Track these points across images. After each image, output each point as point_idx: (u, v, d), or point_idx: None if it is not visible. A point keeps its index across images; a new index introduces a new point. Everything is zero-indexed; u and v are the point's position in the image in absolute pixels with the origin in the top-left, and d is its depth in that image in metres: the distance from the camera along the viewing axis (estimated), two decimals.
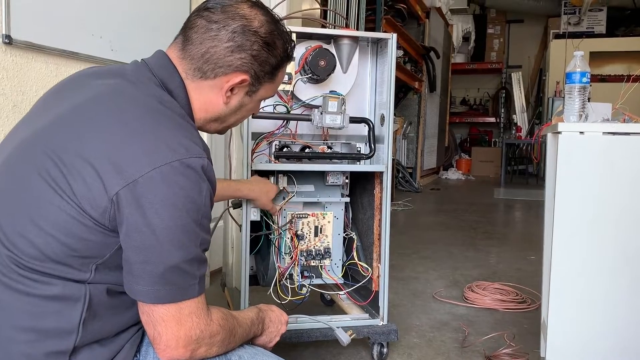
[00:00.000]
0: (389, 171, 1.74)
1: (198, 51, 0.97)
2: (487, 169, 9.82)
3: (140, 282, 0.86)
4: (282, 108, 1.69)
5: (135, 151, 0.84)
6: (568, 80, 1.56)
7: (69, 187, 0.84)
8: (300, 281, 1.79)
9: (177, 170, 0.84)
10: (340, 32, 1.71)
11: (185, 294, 0.88)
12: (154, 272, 0.85)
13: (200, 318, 0.92)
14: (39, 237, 0.85)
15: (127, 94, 0.93)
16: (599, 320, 1.48)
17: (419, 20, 7.12)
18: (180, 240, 0.86)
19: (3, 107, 1.58)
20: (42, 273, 0.86)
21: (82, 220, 0.84)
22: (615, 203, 1.45)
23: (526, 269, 3.03)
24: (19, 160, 0.90)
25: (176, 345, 0.89)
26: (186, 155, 0.86)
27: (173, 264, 0.86)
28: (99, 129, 0.87)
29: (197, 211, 0.87)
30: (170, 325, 0.88)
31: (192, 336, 0.90)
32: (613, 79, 7.90)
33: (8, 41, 1.54)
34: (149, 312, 0.88)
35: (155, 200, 0.83)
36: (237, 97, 1.03)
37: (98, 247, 0.87)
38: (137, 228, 0.84)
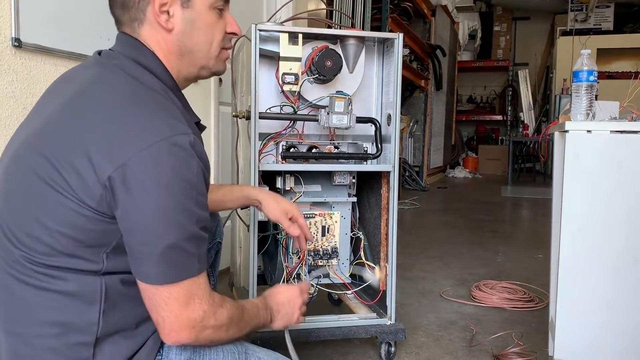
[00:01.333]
0: (396, 171, 1.74)
1: (118, 9, 1.00)
2: (494, 167, 9.79)
3: (141, 263, 0.87)
4: (289, 109, 1.70)
5: (121, 136, 0.85)
6: (575, 79, 1.55)
7: (65, 182, 0.85)
8: (308, 281, 1.79)
9: (164, 150, 0.84)
10: (346, 32, 1.72)
11: (185, 273, 0.88)
12: (153, 253, 0.85)
13: (203, 299, 0.91)
14: (46, 234, 0.86)
15: (108, 82, 0.94)
16: (607, 318, 1.48)
17: (425, 18, 7.10)
18: (176, 219, 0.85)
19: (14, 110, 1.59)
20: (56, 268, 0.87)
21: (81, 212, 0.85)
22: (622, 201, 1.45)
23: (534, 268, 3.02)
24: (17, 163, 0.92)
25: (179, 327, 0.88)
26: (171, 133, 0.85)
27: (170, 243, 0.85)
28: (85, 121, 0.88)
29: (189, 188, 0.87)
30: (172, 307, 0.88)
31: (195, 318, 0.89)
32: (620, 76, 7.85)
33: (17, 44, 1.56)
34: (151, 296, 0.88)
35: (146, 181, 0.83)
36: (177, 16, 0.98)
37: (103, 236, 0.88)
38: (131, 210, 0.84)
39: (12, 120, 1.58)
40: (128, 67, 0.96)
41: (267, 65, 1.71)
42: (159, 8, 0.97)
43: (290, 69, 1.61)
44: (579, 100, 1.54)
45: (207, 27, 1.01)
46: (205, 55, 1.03)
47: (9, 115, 1.57)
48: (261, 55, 1.62)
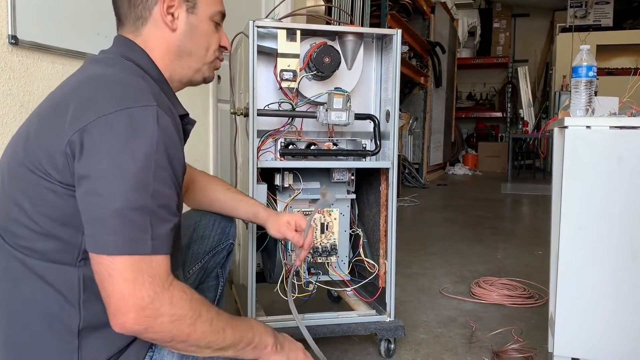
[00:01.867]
0: (394, 167, 1.74)
1: (124, 7, 1.04)
2: (493, 164, 9.78)
3: (87, 228, 0.83)
4: (287, 105, 1.69)
5: (86, 106, 0.87)
6: (574, 75, 1.55)
7: (37, 161, 0.88)
8: (307, 278, 1.79)
9: (123, 117, 0.84)
10: (344, 28, 1.71)
11: (133, 247, 0.81)
12: (98, 217, 0.82)
13: (156, 278, 0.82)
14: (24, 216, 0.89)
15: (85, 75, 0.97)
16: (607, 314, 1.47)
17: (424, 15, 7.09)
18: (125, 186, 0.81)
19: (11, 107, 1.59)
20: (36, 253, 0.89)
21: (51, 187, 0.87)
22: (622, 197, 1.44)
23: (533, 264, 3.02)
24: (10, 158, 0.96)
25: (125, 306, 0.80)
26: (133, 104, 0.86)
27: (115, 208, 0.80)
28: (59, 103, 0.91)
29: (145, 158, 0.83)
30: (115, 280, 0.80)
31: (143, 297, 0.80)
32: (620, 72, 7.84)
33: (14, 42, 1.55)
34: (96, 268, 0.82)
35: (99, 145, 0.83)
36: (181, 19, 1.05)
37: (74, 212, 0.86)
38: (82, 174, 0.84)
39: (9, 118, 1.58)
40: (114, 60, 1.01)
41: (265, 62, 1.70)
42: (167, 9, 1.03)
43: (288, 66, 1.60)
44: (579, 96, 1.54)
45: (206, 34, 1.10)
46: (201, 59, 1.10)
47: (5, 113, 1.57)
48: (259, 52, 1.61)
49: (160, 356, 0.95)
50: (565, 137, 1.47)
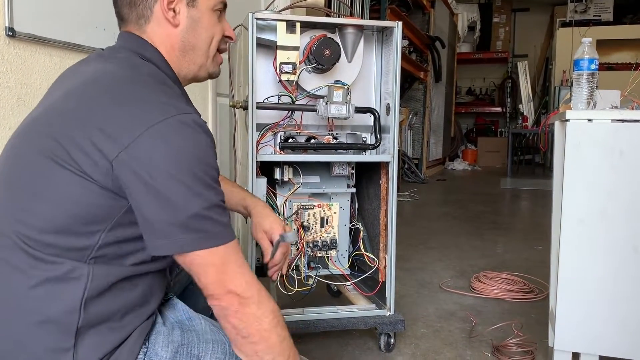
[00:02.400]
0: (395, 161, 1.73)
1: (125, 8, 1.03)
2: (493, 159, 9.78)
3: (164, 236, 0.86)
4: (287, 99, 1.68)
5: (125, 117, 0.86)
6: (576, 68, 1.54)
7: (71, 159, 0.86)
8: (306, 272, 1.79)
9: (170, 127, 0.85)
10: (345, 20, 1.70)
11: (216, 239, 0.88)
12: (176, 222, 0.85)
13: (243, 268, 0.91)
14: (42, 209, 0.87)
15: (111, 71, 0.96)
16: (607, 308, 1.47)
17: (424, 9, 7.07)
18: (194, 189, 0.86)
19: (8, 100, 1.57)
20: (45, 246, 0.87)
21: (87, 186, 0.85)
22: (623, 191, 1.44)
23: (533, 259, 3.02)
24: (19, 148, 0.93)
25: (220, 294, 0.89)
26: (176, 112, 0.87)
27: (193, 212, 0.85)
28: (89, 105, 0.89)
29: (200, 162, 0.87)
30: (210, 273, 0.88)
31: (237, 284, 0.90)
32: (620, 67, 7.84)
33: (11, 34, 1.54)
34: (189, 266, 0.89)
35: (155, 159, 0.83)
36: (182, 13, 1.04)
37: (106, 211, 0.87)
38: (146, 190, 0.84)
39: (6, 111, 1.57)
40: (131, 59, 0.99)
41: (265, 55, 1.69)
42: (167, 5, 1.02)
43: (288, 58, 1.59)
44: (580, 89, 1.53)
45: (209, 26, 1.07)
46: (205, 52, 1.08)
47: (2, 106, 1.56)
48: (258, 45, 1.60)
49: (154, 352, 0.94)
50: (567, 131, 1.47)
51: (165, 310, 1.02)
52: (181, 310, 1.04)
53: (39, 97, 1.65)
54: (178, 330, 0.98)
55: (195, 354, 0.96)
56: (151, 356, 0.93)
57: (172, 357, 0.94)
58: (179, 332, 0.98)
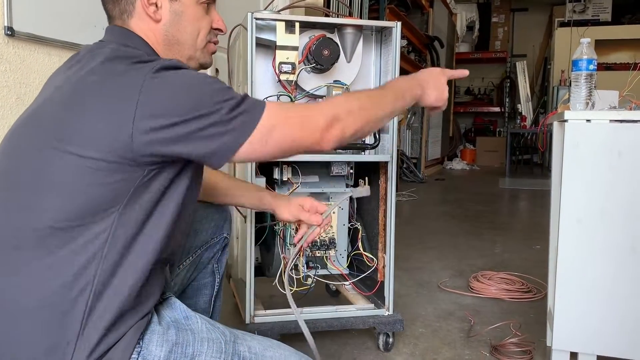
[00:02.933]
0: (393, 161, 1.73)
1: (109, 3, 1.05)
2: (491, 159, 9.78)
3: (229, 138, 0.89)
4: (286, 98, 1.68)
5: (123, 84, 0.88)
6: (575, 68, 1.54)
7: (77, 144, 0.86)
8: (305, 272, 1.79)
9: (162, 69, 0.89)
10: (344, 20, 1.70)
11: (260, 110, 0.91)
12: (222, 122, 0.88)
13: (297, 111, 0.96)
14: (54, 198, 0.87)
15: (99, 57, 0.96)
16: (605, 308, 1.47)
17: (423, 9, 7.07)
18: (216, 91, 0.89)
19: (7, 99, 1.57)
20: (56, 239, 0.87)
21: (99, 166, 0.86)
22: (622, 191, 1.44)
23: (532, 259, 3.02)
24: (20, 143, 0.93)
25: (318, 133, 0.93)
26: (159, 59, 0.92)
27: (229, 107, 0.88)
28: (85, 85, 0.91)
29: (202, 77, 0.91)
30: (294, 132, 0.93)
31: (318, 121, 0.93)
32: (619, 67, 7.84)
33: (10, 33, 1.54)
34: (273, 143, 0.92)
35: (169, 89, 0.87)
36: (165, 8, 1.04)
37: (121, 186, 0.88)
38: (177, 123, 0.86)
39: (5, 110, 1.56)
40: (117, 48, 1.00)
41: (264, 55, 1.69)
42: (148, 0, 1.02)
43: (287, 58, 1.59)
44: (579, 89, 1.53)
45: (194, 20, 1.07)
46: (191, 45, 1.08)
47: (2, 105, 1.56)
48: (258, 44, 1.60)
49: (148, 351, 0.94)
50: (565, 131, 1.47)
51: (163, 309, 1.02)
52: (178, 309, 1.04)
53: None
54: (173, 329, 0.98)
55: (190, 352, 0.96)
56: (145, 355, 0.92)
57: (167, 356, 0.94)
58: (174, 331, 0.98)
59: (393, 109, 1.08)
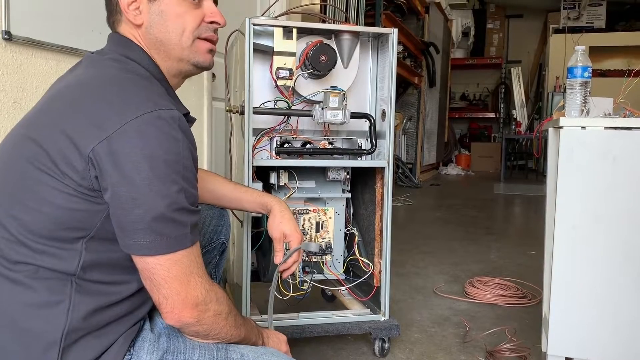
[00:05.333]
0: (390, 166, 1.74)
1: (106, 9, 1.05)
2: (486, 165, 9.82)
3: (131, 235, 0.86)
4: (283, 104, 1.69)
5: (104, 112, 0.86)
6: (570, 75, 1.55)
7: (49, 160, 0.85)
8: (301, 277, 1.79)
9: (148, 122, 0.84)
10: (341, 27, 1.71)
11: (178, 243, 0.87)
12: (142, 223, 0.84)
13: (202, 277, 0.91)
14: (27, 214, 0.86)
15: (94, 72, 0.96)
16: (600, 314, 1.48)
17: (419, 15, 7.10)
18: (162, 189, 0.85)
19: (4, 104, 1.57)
20: (34, 252, 0.87)
21: (64, 189, 0.85)
22: (617, 198, 1.45)
23: (527, 264, 3.03)
24: (8, 153, 0.94)
25: (182, 305, 0.89)
26: (154, 107, 0.86)
27: (159, 213, 0.85)
28: (68, 102, 0.90)
29: (175, 161, 0.86)
30: (172, 285, 0.88)
31: (197, 296, 0.90)
32: (613, 74, 7.90)
33: (8, 37, 1.54)
34: (150, 275, 0.88)
35: (131, 152, 0.83)
36: (145, 10, 1.01)
37: (85, 217, 0.87)
38: (118, 182, 0.83)
39: (2, 115, 1.56)
40: (115, 60, 0.99)
41: (261, 60, 1.70)
42: (127, 6, 1.00)
43: (284, 64, 1.59)
44: (574, 96, 1.54)
45: (176, 17, 1.02)
46: (176, 44, 1.02)
47: None
48: (255, 50, 1.60)
49: (139, 358, 0.94)
50: (560, 138, 1.48)
51: (156, 315, 1.02)
52: None
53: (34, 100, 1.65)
54: (165, 337, 0.98)
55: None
56: None
57: None
58: (165, 339, 0.97)
59: (238, 339, 1.04)
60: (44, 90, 1.17)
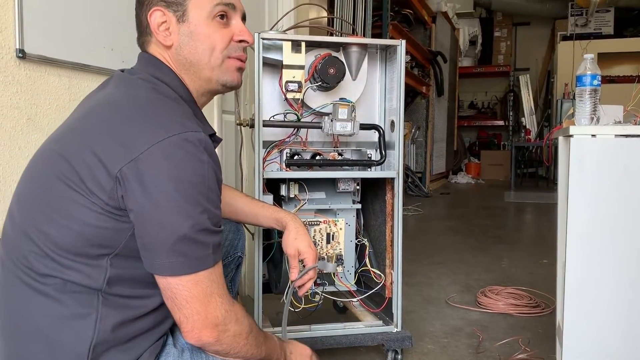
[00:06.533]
0: (400, 177, 1.74)
1: (137, 29, 1.08)
2: (496, 173, 9.77)
3: (155, 256, 0.88)
4: (292, 116, 1.70)
5: (133, 133, 0.87)
6: (579, 83, 1.55)
7: (78, 177, 0.87)
8: (313, 289, 1.79)
9: (175, 144, 0.86)
10: (349, 39, 1.72)
11: (201, 264, 0.89)
12: (166, 244, 0.86)
13: (223, 297, 0.92)
14: (56, 230, 0.88)
15: (124, 92, 0.98)
16: (615, 323, 1.47)
17: (426, 25, 7.12)
18: (186, 210, 0.86)
19: (18, 120, 1.59)
20: (60, 267, 0.88)
21: (93, 208, 0.87)
22: (628, 205, 1.44)
23: (539, 273, 3.01)
24: (37, 168, 0.96)
25: (202, 325, 0.90)
26: (182, 130, 0.87)
27: (182, 234, 0.86)
28: (97, 122, 0.92)
29: (200, 183, 0.88)
30: (194, 305, 0.89)
31: (217, 316, 0.91)
32: (622, 80, 7.85)
33: (22, 55, 1.56)
34: (172, 295, 0.89)
35: (157, 174, 0.84)
36: (174, 32, 1.02)
37: (111, 235, 0.88)
38: (143, 203, 0.85)
39: (16, 131, 1.59)
40: (146, 80, 1.01)
41: (270, 74, 1.71)
42: (157, 27, 1.02)
43: (293, 77, 1.61)
44: (583, 104, 1.54)
45: (205, 37, 1.03)
46: (206, 65, 1.04)
47: (13, 126, 1.58)
48: (264, 64, 1.62)
49: None
50: (571, 146, 1.47)
51: (177, 331, 1.03)
52: None
53: (48, 117, 1.67)
54: (188, 352, 0.99)
55: None
56: None
57: None
58: (189, 354, 0.98)
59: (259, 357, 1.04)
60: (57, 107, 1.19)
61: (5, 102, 1.55)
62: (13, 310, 0.91)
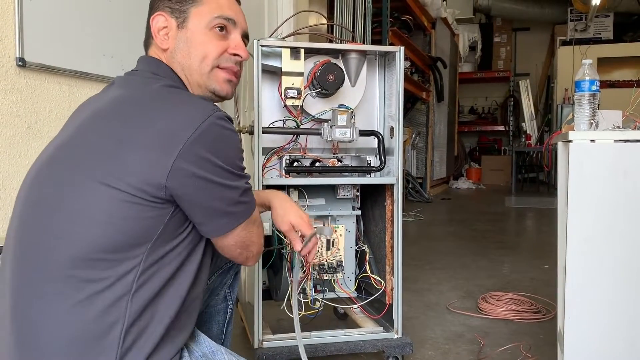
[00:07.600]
0: (399, 183, 1.74)
1: (145, 32, 1.11)
2: (497, 178, 9.77)
3: (210, 223, 0.96)
4: (292, 123, 1.70)
5: (174, 120, 0.89)
6: (577, 89, 1.55)
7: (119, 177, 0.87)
8: (313, 295, 1.79)
9: (214, 123, 0.91)
10: (348, 46, 1.73)
11: (245, 215, 1.00)
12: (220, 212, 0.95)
13: (259, 230, 1.07)
14: (93, 228, 0.87)
15: (136, 88, 1.01)
16: (616, 328, 1.46)
17: (425, 30, 7.14)
18: (234, 180, 0.95)
19: (18, 128, 1.60)
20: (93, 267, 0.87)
21: (132, 200, 0.87)
22: (628, 210, 1.44)
23: (540, 278, 3.00)
24: (53, 172, 0.93)
25: (255, 257, 1.08)
26: (213, 109, 0.93)
27: (234, 201, 0.96)
28: (126, 118, 0.92)
29: (239, 150, 0.97)
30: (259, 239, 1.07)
31: (257, 247, 1.07)
32: (622, 85, 7.87)
33: (22, 64, 1.57)
34: (242, 241, 1.01)
35: (209, 154, 0.89)
36: (172, 36, 1.06)
37: (151, 223, 0.89)
38: (201, 185, 0.90)
39: (16, 139, 1.59)
40: (150, 77, 1.04)
41: (270, 80, 1.72)
42: (157, 31, 1.07)
43: (292, 84, 1.61)
44: (582, 110, 1.54)
45: (199, 44, 1.06)
46: (195, 70, 1.07)
47: (13, 134, 1.58)
48: (263, 71, 1.63)
49: None
50: (570, 151, 1.48)
51: (190, 343, 1.02)
52: (204, 342, 1.04)
53: (48, 125, 1.68)
54: None
55: None
56: None
57: None
58: None
59: None
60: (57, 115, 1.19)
61: (5, 110, 1.56)
62: (36, 320, 0.88)
